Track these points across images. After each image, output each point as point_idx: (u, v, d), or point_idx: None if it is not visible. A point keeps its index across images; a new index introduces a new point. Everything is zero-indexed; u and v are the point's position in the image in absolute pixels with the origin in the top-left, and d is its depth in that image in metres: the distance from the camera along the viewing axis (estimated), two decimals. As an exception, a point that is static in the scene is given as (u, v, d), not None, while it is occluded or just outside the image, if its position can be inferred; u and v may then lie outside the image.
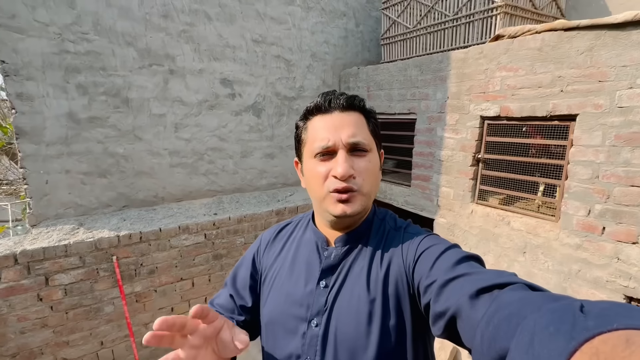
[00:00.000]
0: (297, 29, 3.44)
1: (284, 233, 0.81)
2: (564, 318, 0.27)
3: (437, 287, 0.51)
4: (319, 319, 0.64)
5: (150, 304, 2.73)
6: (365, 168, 0.64)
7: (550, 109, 2.02)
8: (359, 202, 0.64)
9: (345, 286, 0.64)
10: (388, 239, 0.68)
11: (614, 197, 1.79)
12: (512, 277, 0.45)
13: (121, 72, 2.60)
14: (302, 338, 0.64)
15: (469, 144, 2.52)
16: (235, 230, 3.08)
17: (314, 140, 0.65)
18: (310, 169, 0.66)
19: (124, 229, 2.58)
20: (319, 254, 0.70)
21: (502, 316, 0.36)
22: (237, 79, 3.15)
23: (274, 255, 0.77)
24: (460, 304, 0.44)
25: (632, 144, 1.70)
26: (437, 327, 0.50)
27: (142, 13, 2.62)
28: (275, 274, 0.74)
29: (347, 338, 0.61)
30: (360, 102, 0.67)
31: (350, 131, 0.63)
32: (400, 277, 0.62)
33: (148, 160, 2.83)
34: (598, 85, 1.80)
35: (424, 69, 2.82)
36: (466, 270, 0.50)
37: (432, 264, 0.56)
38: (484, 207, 2.49)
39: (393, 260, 0.64)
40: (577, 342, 0.24)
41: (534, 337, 0.28)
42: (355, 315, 0.61)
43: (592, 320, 0.25)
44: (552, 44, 1.97)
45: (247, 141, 3.33)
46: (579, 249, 1.95)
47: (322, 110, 0.66)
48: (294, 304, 0.67)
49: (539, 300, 0.35)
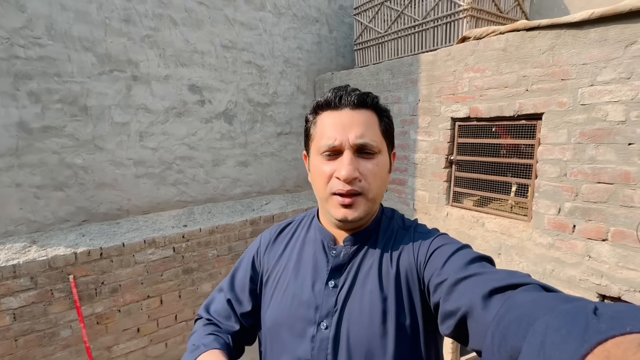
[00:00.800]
0: (268, 35, 3.39)
1: (286, 232, 0.78)
2: (576, 320, 0.27)
3: (448, 286, 0.50)
4: (329, 321, 0.61)
5: (113, 325, 2.54)
6: (372, 171, 0.61)
7: (517, 109, 2.02)
8: (362, 207, 0.61)
9: (356, 285, 0.62)
10: (397, 238, 0.66)
11: (582, 194, 1.78)
12: (526, 277, 0.44)
13: (78, 79, 2.45)
14: (311, 341, 0.61)
15: (442, 146, 2.50)
16: (207, 242, 2.94)
17: (321, 137, 0.63)
18: (316, 166, 0.65)
19: (82, 245, 2.40)
20: (325, 253, 0.67)
21: (513, 317, 0.36)
22: (207, 85, 3.05)
23: (276, 255, 0.74)
24: (472, 304, 0.44)
25: (597, 141, 1.71)
26: (446, 326, 0.50)
27: (102, 17, 2.50)
28: (278, 275, 0.70)
29: (360, 340, 0.58)
30: (373, 99, 0.64)
31: (359, 131, 0.60)
32: (412, 276, 0.60)
33: (110, 171, 2.67)
34: (561, 83, 1.81)
35: (395, 73, 2.81)
36: (478, 270, 0.49)
37: (444, 263, 0.54)
38: (458, 210, 2.46)
39: (403, 258, 0.62)
40: (590, 345, 0.23)
41: (545, 339, 0.28)
42: (368, 314, 0.59)
43: (605, 323, 0.25)
44: (516, 44, 1.98)
45: (219, 149, 3.22)
46: (552, 248, 1.93)
47: (332, 106, 0.63)
48: (301, 306, 0.64)
49: (551, 301, 0.35)
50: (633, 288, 1.64)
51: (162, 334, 2.79)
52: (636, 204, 1.60)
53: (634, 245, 1.62)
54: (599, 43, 1.65)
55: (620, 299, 1.69)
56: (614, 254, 1.69)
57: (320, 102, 0.65)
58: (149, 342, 2.72)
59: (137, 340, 2.67)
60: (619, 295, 1.69)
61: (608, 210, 1.70)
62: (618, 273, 1.68)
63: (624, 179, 1.63)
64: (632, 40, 1.56)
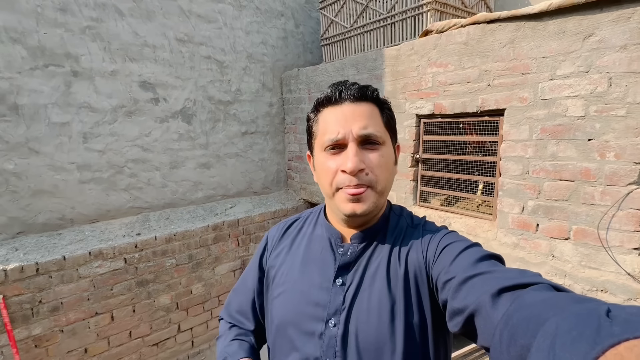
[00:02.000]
0: (229, 29, 3.19)
1: (292, 229, 0.77)
2: (588, 322, 0.27)
3: (456, 284, 0.50)
4: (337, 319, 0.61)
5: (55, 348, 2.29)
6: (378, 163, 0.61)
7: (479, 104, 1.95)
8: (370, 200, 0.60)
9: (364, 283, 0.62)
10: (406, 235, 0.66)
11: (545, 192, 1.73)
12: (536, 277, 0.44)
13: (6, 74, 2.18)
14: (320, 339, 0.61)
15: (407, 144, 2.41)
16: (164, 251, 2.73)
17: (324, 133, 0.62)
18: (321, 162, 0.64)
19: (14, 260, 2.14)
20: (333, 251, 0.67)
21: (522, 316, 0.35)
22: (160, 81, 2.83)
23: (282, 252, 0.74)
24: (481, 302, 0.43)
25: (557, 137, 1.65)
26: (455, 323, 0.50)
27: (32, 5, 2.23)
28: (285, 273, 0.70)
29: (369, 338, 0.58)
30: (373, 92, 0.63)
31: (362, 123, 0.60)
32: (420, 274, 0.60)
33: (49, 177, 2.41)
34: (522, 77, 1.75)
35: (360, 68, 2.70)
36: (488, 268, 0.49)
37: (453, 260, 0.54)
38: (425, 210, 2.38)
39: (412, 256, 0.62)
40: (602, 347, 0.23)
41: (555, 340, 0.28)
42: (377, 312, 0.59)
43: (618, 326, 0.25)
44: (477, 37, 1.91)
45: (177, 150, 3.00)
46: (517, 248, 1.87)
47: (333, 101, 0.63)
48: (309, 304, 0.64)
49: (562, 302, 0.34)
50: (595, 287, 1.60)
51: (115, 352, 2.56)
52: (597, 202, 1.56)
53: (595, 244, 1.58)
54: (558, 35, 1.60)
55: (583, 299, 1.64)
56: (577, 252, 1.64)
57: (321, 99, 0.65)
58: (98, 363, 2.49)
59: (85, 362, 2.43)
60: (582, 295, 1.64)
61: (570, 208, 1.65)
62: (581, 272, 1.64)
63: (585, 175, 1.58)
64: (589, 32, 1.50)
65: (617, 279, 1.53)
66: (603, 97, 1.50)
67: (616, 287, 1.53)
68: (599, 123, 1.52)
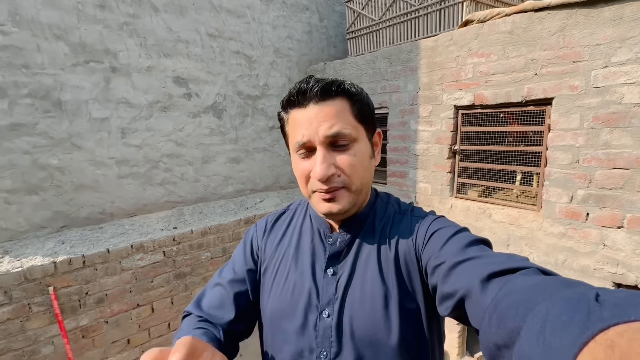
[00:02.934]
0: (257, 23, 3.20)
1: (282, 220, 0.76)
2: (578, 307, 0.26)
3: (446, 269, 0.50)
4: (331, 309, 0.60)
5: (101, 338, 2.35)
6: (349, 163, 0.58)
7: (525, 94, 1.94)
8: (345, 199, 0.59)
9: (356, 272, 0.62)
10: (394, 222, 0.65)
11: (596, 181, 1.72)
12: (524, 261, 0.44)
13: (50, 70, 2.22)
14: (315, 330, 0.60)
15: (444, 136, 2.41)
16: (200, 244, 2.76)
17: (293, 135, 0.60)
18: (295, 165, 0.63)
19: (62, 253, 2.19)
20: (322, 241, 0.66)
21: (511, 300, 0.35)
22: (193, 77, 2.85)
23: (273, 244, 0.72)
24: (471, 287, 0.44)
25: (611, 125, 1.64)
26: (445, 308, 0.50)
27: (73, 2, 2.26)
28: (277, 265, 0.69)
29: (364, 326, 0.58)
30: (338, 86, 0.58)
31: (327, 124, 0.57)
32: (410, 259, 0.60)
33: (90, 172, 2.46)
34: (572, 66, 1.74)
35: (393, 60, 2.69)
36: (477, 253, 0.49)
37: (442, 245, 0.54)
38: (463, 201, 2.38)
39: (401, 242, 0.62)
40: (592, 332, 0.23)
41: (545, 324, 0.27)
42: (370, 300, 0.58)
43: (607, 310, 0.24)
44: (523, 26, 1.89)
45: (209, 145, 3.03)
46: (564, 238, 1.87)
47: (297, 103, 0.59)
48: (301, 295, 0.63)
49: (552, 286, 0.34)
50: (651, 275, 1.59)
51: (155, 344, 2.61)
52: (654, 189, 1.55)
53: (651, 232, 1.57)
54: (614, 22, 1.58)
55: (637, 287, 1.64)
56: (631, 241, 1.64)
57: (285, 100, 0.61)
58: (140, 354, 2.54)
59: (128, 352, 2.48)
60: (636, 283, 1.64)
61: (624, 197, 1.64)
62: (635, 261, 1.63)
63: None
64: (649, 17, 1.49)
65: (675, 266, 1.52)
66: (663, 83, 1.48)
67: (674, 274, 1.52)
68: (657, 110, 1.51)
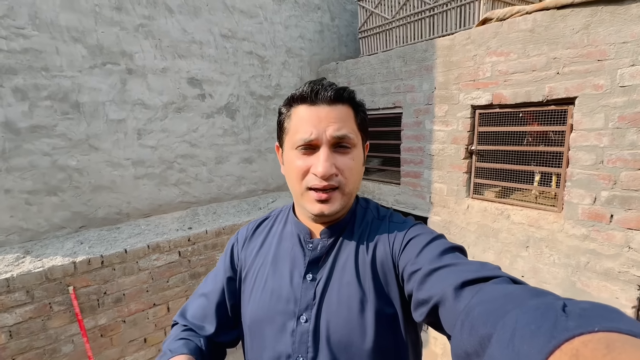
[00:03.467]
0: (269, 23, 3.20)
1: (263, 228, 0.77)
2: (545, 316, 0.28)
3: (421, 275, 0.51)
4: (308, 314, 0.61)
5: (119, 337, 2.38)
6: (349, 166, 0.61)
7: (546, 93, 1.90)
8: (338, 201, 0.61)
9: (334, 277, 0.63)
10: (372, 228, 0.67)
11: (621, 182, 1.68)
12: (496, 270, 0.46)
13: (68, 73, 2.25)
14: (292, 336, 0.61)
15: (461, 136, 2.38)
16: (214, 244, 2.78)
17: (296, 131, 0.61)
18: (291, 160, 0.63)
19: (81, 253, 2.23)
20: (302, 247, 0.67)
21: (483, 309, 0.36)
22: (207, 77, 2.86)
23: (253, 251, 0.73)
24: (444, 294, 0.45)
25: (638, 125, 1.60)
26: (419, 314, 0.51)
27: (91, 5, 2.29)
28: (257, 271, 0.70)
29: (340, 331, 0.58)
30: (349, 94, 0.63)
31: (336, 126, 0.60)
32: (387, 265, 0.61)
33: (108, 173, 2.48)
34: (597, 64, 1.70)
35: (408, 60, 2.66)
36: (451, 261, 0.50)
37: (418, 253, 0.55)
38: (480, 202, 2.35)
39: (379, 248, 0.63)
40: (558, 341, 0.24)
41: (515, 332, 0.28)
42: (346, 305, 0.59)
43: (572, 320, 0.26)
44: (545, 24, 1.86)
45: (222, 146, 3.05)
46: (586, 240, 1.84)
47: (308, 101, 0.61)
48: (279, 300, 0.63)
49: (521, 295, 0.35)
50: (679, 279, 1.55)
51: (171, 342, 2.64)
52: (683, 191, 1.51)
53: (680, 235, 1.53)
54: (642, 19, 1.54)
55: (665, 291, 1.60)
56: (658, 244, 1.60)
57: (296, 95, 0.62)
58: (156, 352, 2.57)
59: (145, 351, 2.52)
60: (663, 287, 1.60)
61: (651, 198, 1.60)
62: (662, 264, 1.59)
63: (670, 164, 1.53)
64: (679, 14, 1.45)
65: None
66: (694, 82, 1.44)
67: None
68: (687, 109, 1.47)
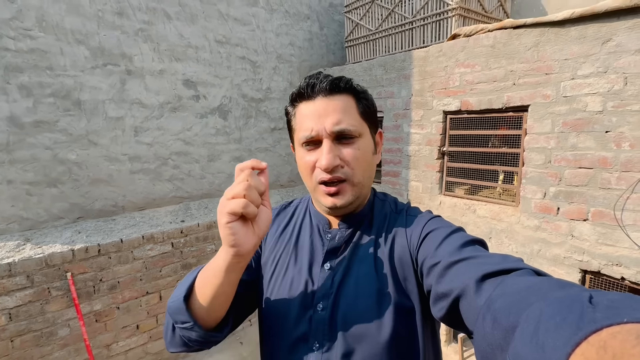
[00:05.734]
0: (261, 31, 3.41)
1: (285, 214, 0.77)
2: (571, 308, 0.27)
3: (441, 268, 0.50)
4: (325, 303, 0.61)
5: (112, 323, 2.51)
6: (354, 156, 0.61)
7: (505, 101, 2.16)
8: (349, 193, 0.61)
9: (352, 268, 0.63)
10: (390, 221, 0.67)
11: (565, 179, 1.95)
12: (519, 262, 0.45)
13: (71, 72, 2.40)
14: (309, 323, 0.61)
15: (434, 138, 2.63)
16: (205, 237, 2.94)
17: (300, 129, 0.62)
18: (300, 157, 0.64)
19: (79, 242, 2.36)
20: (321, 237, 0.68)
21: (506, 301, 0.36)
22: (201, 80, 3.05)
23: (274, 236, 0.73)
24: (465, 287, 0.44)
25: (577, 129, 1.87)
26: (439, 308, 0.50)
27: (94, 10, 2.45)
28: (277, 258, 0.70)
29: (356, 321, 0.58)
30: (346, 83, 0.62)
31: (335, 118, 0.59)
32: (405, 258, 0.61)
33: (105, 167, 2.63)
34: (545, 77, 1.97)
35: (388, 68, 2.91)
36: (472, 253, 0.49)
37: (437, 246, 0.55)
38: (451, 198, 2.60)
39: (397, 241, 0.63)
40: (584, 333, 0.23)
41: (539, 325, 0.28)
42: (364, 296, 0.59)
43: (600, 312, 0.25)
44: (503, 41, 2.13)
45: (214, 144, 3.22)
46: (538, 230, 2.09)
47: (306, 96, 0.62)
48: (298, 289, 0.64)
49: (545, 287, 0.35)
50: (611, 262, 1.81)
51: (162, 330, 2.77)
52: (613, 186, 1.77)
53: (611, 224, 1.80)
54: (579, 40, 1.81)
55: (599, 272, 1.86)
56: (594, 232, 1.86)
57: (295, 93, 0.64)
58: (148, 339, 2.70)
59: (137, 337, 2.64)
60: (599, 269, 1.86)
61: (588, 193, 1.86)
62: (598, 249, 1.85)
63: (602, 163, 1.80)
64: (607, 37, 1.72)
65: (630, 253, 1.75)
66: (619, 94, 1.71)
67: (630, 260, 1.74)
68: (615, 117, 1.74)
